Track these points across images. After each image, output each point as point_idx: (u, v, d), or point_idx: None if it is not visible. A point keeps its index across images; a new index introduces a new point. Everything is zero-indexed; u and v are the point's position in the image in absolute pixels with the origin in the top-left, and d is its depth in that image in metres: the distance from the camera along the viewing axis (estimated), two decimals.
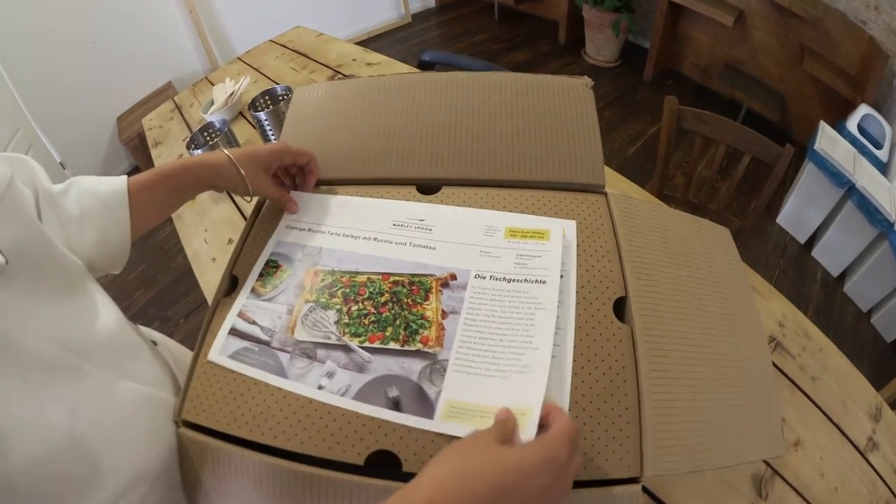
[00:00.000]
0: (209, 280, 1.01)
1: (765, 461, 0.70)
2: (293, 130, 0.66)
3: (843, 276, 2.17)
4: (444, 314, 0.49)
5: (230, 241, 1.06)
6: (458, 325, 0.48)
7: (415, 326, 0.48)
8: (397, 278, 0.52)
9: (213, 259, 1.04)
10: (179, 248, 2.62)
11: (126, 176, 0.54)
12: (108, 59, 2.86)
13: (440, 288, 0.50)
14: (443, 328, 0.48)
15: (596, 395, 0.44)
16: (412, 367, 0.46)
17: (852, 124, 2.16)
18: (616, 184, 1.12)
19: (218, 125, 1.25)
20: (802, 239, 2.29)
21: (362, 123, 0.65)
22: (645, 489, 0.65)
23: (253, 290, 0.54)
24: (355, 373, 0.46)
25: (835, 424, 0.76)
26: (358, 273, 0.53)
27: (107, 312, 0.48)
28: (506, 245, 0.53)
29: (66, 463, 0.36)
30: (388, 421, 0.43)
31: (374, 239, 0.55)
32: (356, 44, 1.75)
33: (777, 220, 2.38)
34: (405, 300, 0.50)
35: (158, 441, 0.46)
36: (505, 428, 0.39)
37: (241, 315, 0.52)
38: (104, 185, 0.53)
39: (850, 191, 1.93)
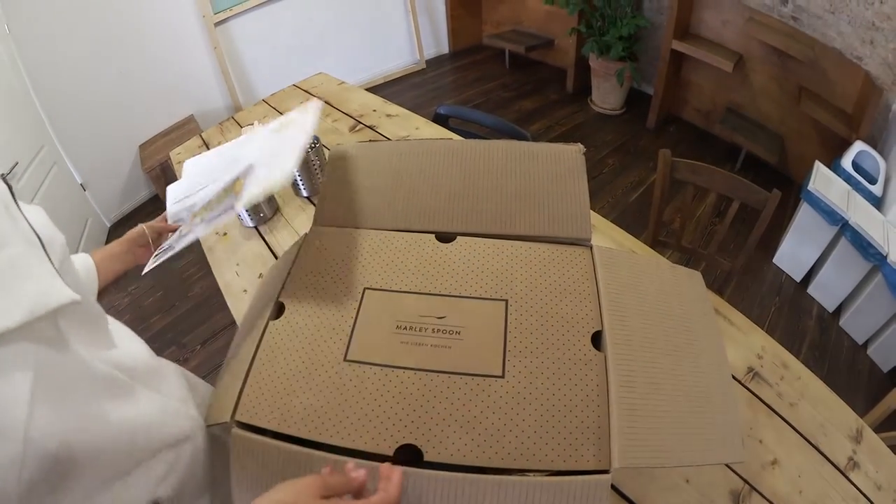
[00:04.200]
0: (241, 308, 1.07)
1: (742, 477, 0.75)
2: (333, 187, 0.79)
3: (839, 310, 2.18)
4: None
5: (260, 276, 1.12)
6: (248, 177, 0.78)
7: (230, 191, 0.78)
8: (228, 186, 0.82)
9: (245, 290, 1.10)
10: (199, 278, 2.69)
11: (87, 254, 0.77)
12: (134, 89, 2.93)
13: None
14: (244, 185, 0.76)
15: (574, 406, 0.54)
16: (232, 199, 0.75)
17: (847, 161, 2.20)
18: (610, 233, 1.18)
19: None
20: (798, 277, 2.31)
21: (392, 183, 0.78)
22: (630, 501, 0.72)
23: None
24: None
25: (813, 445, 0.80)
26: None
27: (137, 343, 0.62)
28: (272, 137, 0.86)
29: (117, 450, 0.48)
30: (412, 420, 0.54)
31: (215, 181, 0.87)
32: (372, 88, 1.83)
33: (773, 261, 2.40)
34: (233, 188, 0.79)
35: (188, 442, 0.59)
36: (336, 483, 0.44)
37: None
38: (77, 258, 0.74)
39: (844, 227, 1.96)
